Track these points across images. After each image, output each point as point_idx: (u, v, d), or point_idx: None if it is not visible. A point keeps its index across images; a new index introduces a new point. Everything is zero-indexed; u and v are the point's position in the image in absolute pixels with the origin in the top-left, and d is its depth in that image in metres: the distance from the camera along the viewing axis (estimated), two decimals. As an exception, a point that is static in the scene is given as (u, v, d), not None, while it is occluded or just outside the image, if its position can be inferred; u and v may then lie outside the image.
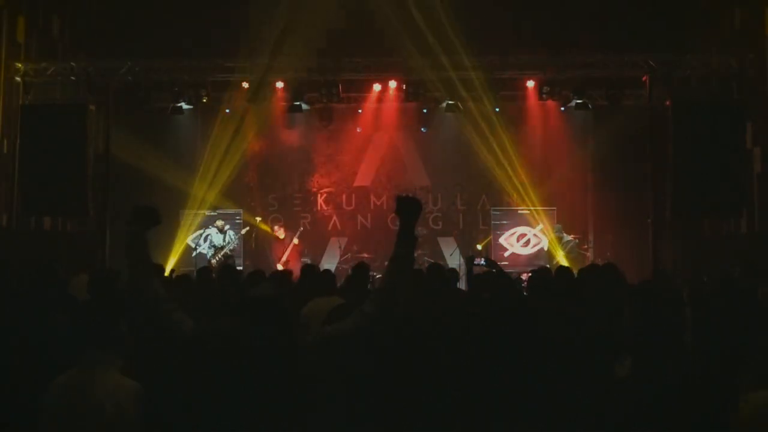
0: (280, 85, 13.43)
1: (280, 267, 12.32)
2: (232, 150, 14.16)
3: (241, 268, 12.15)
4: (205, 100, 13.22)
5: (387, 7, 11.71)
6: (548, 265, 11.06)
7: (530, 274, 7.39)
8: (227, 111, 13.84)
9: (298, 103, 13.38)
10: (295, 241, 12.97)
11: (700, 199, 11.77)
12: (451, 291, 6.28)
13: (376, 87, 13.61)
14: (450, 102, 13.23)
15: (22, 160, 12.22)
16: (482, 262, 6.90)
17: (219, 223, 12.98)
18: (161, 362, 3.10)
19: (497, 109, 13.67)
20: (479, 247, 13.79)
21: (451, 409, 3.01)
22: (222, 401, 2.52)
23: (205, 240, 13.21)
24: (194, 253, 12.95)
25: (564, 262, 12.00)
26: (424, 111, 13.95)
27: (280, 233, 13.40)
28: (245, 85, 13.14)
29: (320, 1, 11.65)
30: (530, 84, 13.22)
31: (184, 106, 13.36)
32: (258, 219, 14.10)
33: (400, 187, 14.36)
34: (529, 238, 13.50)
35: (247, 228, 13.44)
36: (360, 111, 14.20)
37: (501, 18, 12.28)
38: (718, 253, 11.61)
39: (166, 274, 8.64)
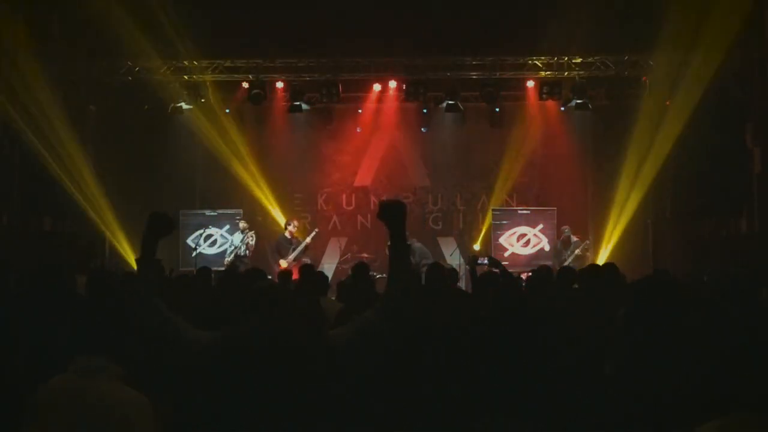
0: (280, 85, 13.47)
1: (283, 264, 12.26)
2: (232, 150, 14.16)
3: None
4: (204, 100, 13.22)
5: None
6: (551, 265, 11.04)
7: (530, 274, 7.41)
8: (227, 111, 13.87)
9: (298, 103, 13.38)
10: (308, 240, 12.70)
11: (700, 199, 11.76)
12: (451, 291, 6.28)
13: (376, 87, 13.64)
14: (450, 102, 13.22)
15: (23, 160, 12.20)
16: (485, 261, 6.90)
17: (242, 224, 12.86)
18: (156, 371, 2.96)
19: (497, 110, 13.70)
20: (476, 247, 13.78)
21: (452, 409, 3.01)
22: (221, 404, 2.52)
23: (205, 240, 13.19)
24: (194, 253, 12.92)
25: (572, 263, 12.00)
26: (424, 111, 13.94)
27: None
28: (245, 85, 13.17)
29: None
30: (530, 84, 13.26)
31: (184, 106, 13.35)
32: (259, 219, 14.09)
33: (400, 187, 14.38)
34: (529, 238, 13.49)
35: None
36: (360, 111, 14.20)
37: (500, 18, 12.28)
38: (718, 253, 11.61)
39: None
